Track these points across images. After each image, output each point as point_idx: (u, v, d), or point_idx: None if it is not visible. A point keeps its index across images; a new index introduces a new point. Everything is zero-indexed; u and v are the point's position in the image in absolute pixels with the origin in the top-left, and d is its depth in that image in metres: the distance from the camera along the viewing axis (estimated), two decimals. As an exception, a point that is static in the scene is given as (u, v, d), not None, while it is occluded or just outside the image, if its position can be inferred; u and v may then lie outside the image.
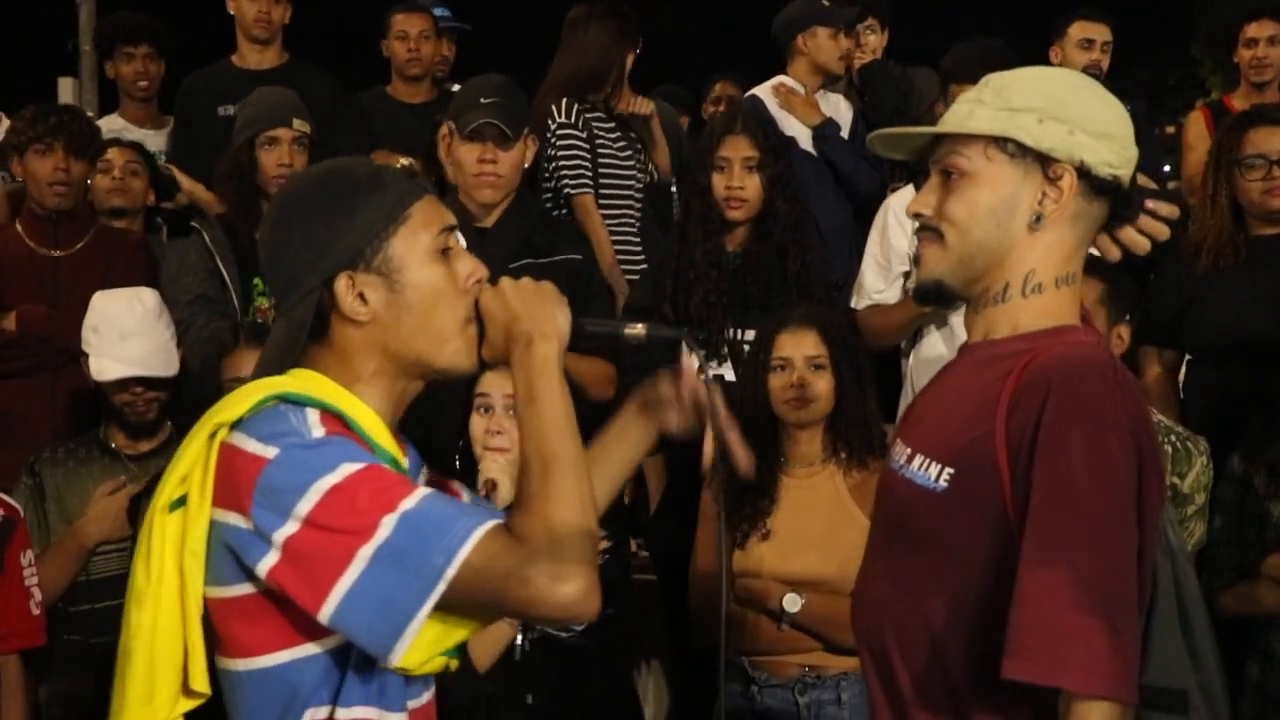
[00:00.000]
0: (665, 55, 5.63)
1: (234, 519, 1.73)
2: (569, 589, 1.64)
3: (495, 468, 2.86)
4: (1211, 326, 4.00)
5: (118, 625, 3.40)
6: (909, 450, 1.92)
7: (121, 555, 3.55)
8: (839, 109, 5.15)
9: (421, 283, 1.81)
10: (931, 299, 1.98)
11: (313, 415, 1.75)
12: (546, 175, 4.54)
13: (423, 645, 1.70)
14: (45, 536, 3.56)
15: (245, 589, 1.75)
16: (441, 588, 1.64)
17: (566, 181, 4.49)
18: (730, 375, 3.84)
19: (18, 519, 3.31)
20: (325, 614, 1.68)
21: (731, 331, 3.89)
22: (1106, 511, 1.73)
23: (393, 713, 1.79)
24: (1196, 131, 5.35)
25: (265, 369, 1.86)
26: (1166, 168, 6.55)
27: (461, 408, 3.08)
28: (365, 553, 1.65)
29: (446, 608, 1.69)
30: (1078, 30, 5.34)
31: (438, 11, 5.58)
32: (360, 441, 1.76)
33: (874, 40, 5.59)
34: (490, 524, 1.68)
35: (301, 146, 4.15)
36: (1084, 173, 1.87)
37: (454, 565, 1.64)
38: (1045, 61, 5.25)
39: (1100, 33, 5.34)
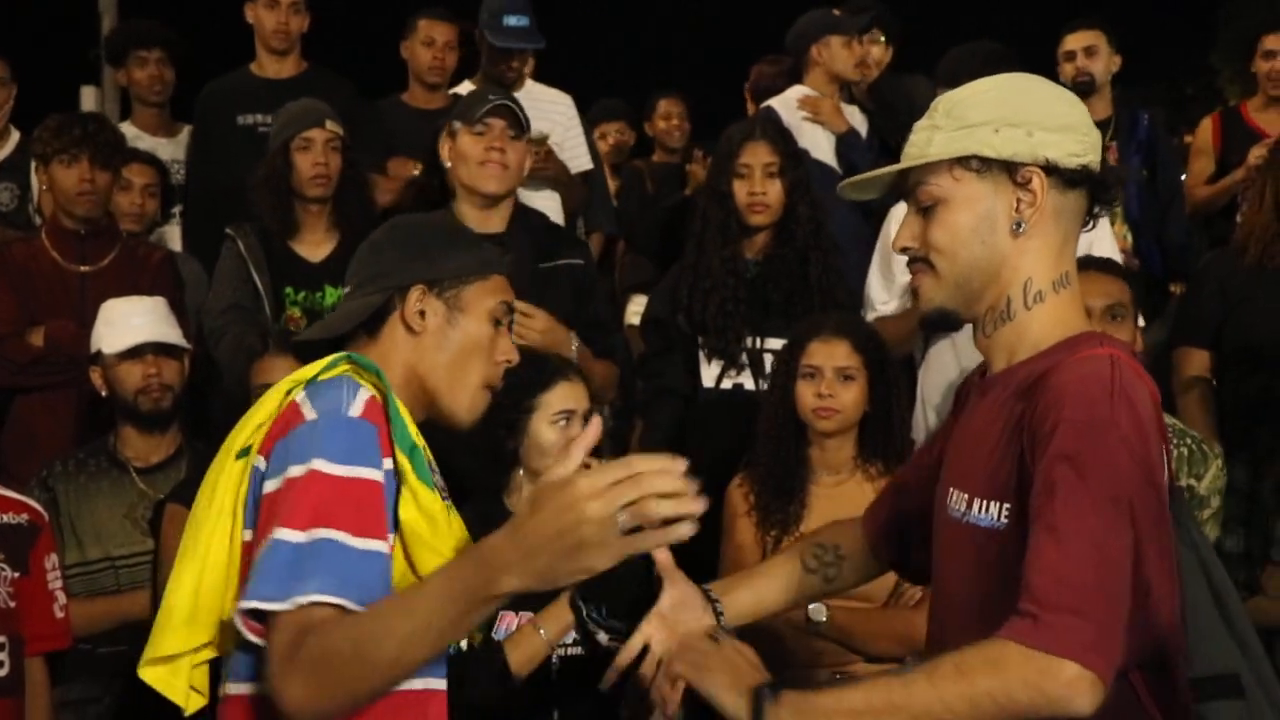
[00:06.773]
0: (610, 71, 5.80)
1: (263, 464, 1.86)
2: (297, 701, 1.68)
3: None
4: (1254, 330, 3.96)
5: (127, 638, 3.41)
6: (966, 496, 1.92)
7: (132, 570, 3.61)
8: (854, 119, 5.15)
9: (472, 331, 2.05)
10: (938, 326, 2.04)
11: (363, 395, 1.86)
12: None
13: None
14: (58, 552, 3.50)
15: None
16: (286, 606, 1.72)
17: None
18: (749, 384, 3.86)
19: (42, 524, 3.32)
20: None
21: (750, 340, 3.90)
22: (1096, 506, 1.71)
23: None
24: (1204, 138, 5.46)
25: (322, 330, 2.10)
26: (1184, 176, 6.54)
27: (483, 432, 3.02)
28: (281, 534, 1.75)
29: None
30: (1064, 45, 5.30)
31: (513, 21, 5.04)
32: (386, 437, 1.85)
33: (877, 52, 5.52)
34: (323, 608, 1.71)
35: (335, 148, 4.15)
36: (1051, 169, 1.88)
37: (289, 602, 1.71)
38: (1051, 69, 5.23)
39: (1076, 41, 5.26)
